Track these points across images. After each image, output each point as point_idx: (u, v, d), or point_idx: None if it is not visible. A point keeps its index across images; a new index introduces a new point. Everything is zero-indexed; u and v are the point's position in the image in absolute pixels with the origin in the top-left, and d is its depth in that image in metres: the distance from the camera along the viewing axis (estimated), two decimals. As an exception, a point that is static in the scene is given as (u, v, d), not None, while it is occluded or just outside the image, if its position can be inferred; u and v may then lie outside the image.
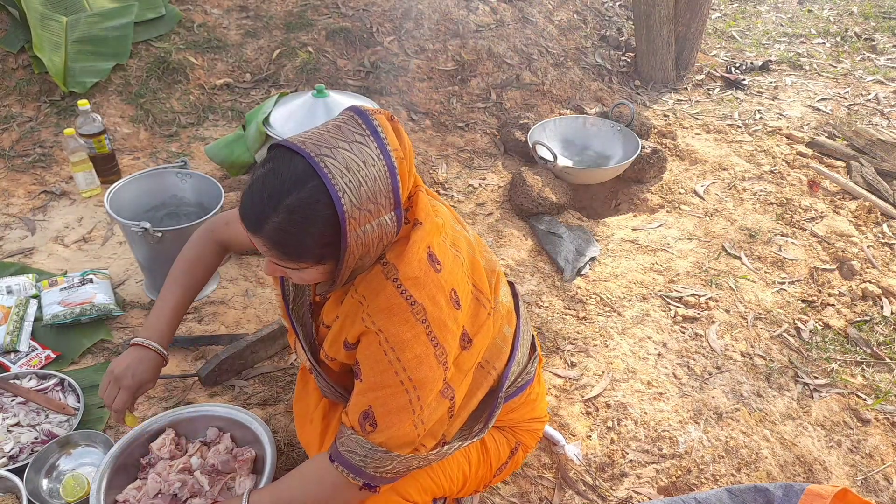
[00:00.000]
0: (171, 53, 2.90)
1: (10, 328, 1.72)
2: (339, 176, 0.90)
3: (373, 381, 1.02)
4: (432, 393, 1.03)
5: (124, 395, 1.21)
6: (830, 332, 2.05)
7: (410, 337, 0.99)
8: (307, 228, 0.91)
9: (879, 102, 3.51)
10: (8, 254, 2.07)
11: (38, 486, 1.37)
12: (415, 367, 1.00)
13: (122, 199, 1.82)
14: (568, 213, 2.50)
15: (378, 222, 0.95)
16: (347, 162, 0.92)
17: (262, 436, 1.39)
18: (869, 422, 1.77)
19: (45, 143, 2.56)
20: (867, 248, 2.39)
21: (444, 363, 1.03)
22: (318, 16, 3.24)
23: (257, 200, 0.92)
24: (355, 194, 0.91)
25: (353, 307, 1.03)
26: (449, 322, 1.03)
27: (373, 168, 0.93)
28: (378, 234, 0.96)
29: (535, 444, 1.43)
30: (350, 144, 0.93)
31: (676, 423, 1.68)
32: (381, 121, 0.97)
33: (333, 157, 0.91)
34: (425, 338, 1.00)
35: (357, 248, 0.94)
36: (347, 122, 0.97)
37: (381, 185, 0.94)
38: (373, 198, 0.93)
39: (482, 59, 3.25)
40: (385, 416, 1.02)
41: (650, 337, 1.94)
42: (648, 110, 3.34)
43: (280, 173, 0.91)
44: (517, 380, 1.28)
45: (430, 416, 1.05)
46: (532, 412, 1.35)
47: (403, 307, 0.99)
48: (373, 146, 0.94)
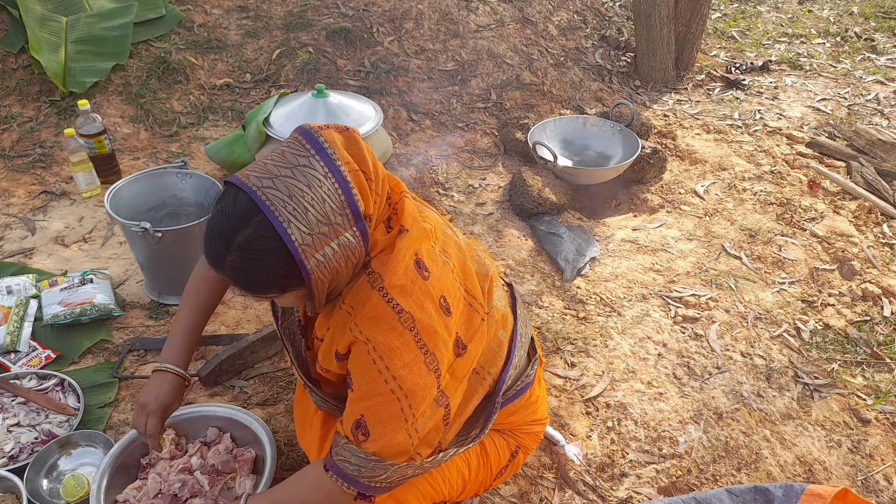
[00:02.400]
0: (171, 53, 2.90)
1: (10, 328, 1.72)
2: (281, 206, 0.89)
3: (363, 390, 1.01)
4: (425, 401, 1.02)
5: (153, 420, 1.23)
6: (830, 332, 2.05)
7: (399, 345, 0.98)
8: (260, 265, 0.91)
9: (879, 102, 3.51)
10: (8, 254, 2.07)
11: (39, 486, 1.38)
12: (405, 375, 0.99)
13: (122, 200, 1.82)
14: (568, 213, 2.50)
15: (338, 242, 0.93)
16: (290, 189, 0.90)
17: (262, 436, 1.39)
18: (869, 422, 1.77)
19: (45, 143, 2.57)
20: (867, 248, 2.39)
21: (435, 370, 1.02)
22: (319, 16, 3.24)
23: (213, 241, 0.93)
24: (303, 221, 0.90)
25: (342, 318, 1.03)
26: (439, 329, 1.01)
27: (320, 189, 0.92)
28: (342, 254, 0.94)
29: (536, 446, 1.43)
30: (293, 170, 0.92)
31: (676, 423, 1.68)
32: (329, 136, 0.96)
33: (275, 188, 0.90)
34: (414, 345, 0.99)
35: (322, 273, 0.93)
36: (292, 145, 0.96)
37: (331, 204, 0.92)
38: (324, 219, 0.91)
39: (482, 60, 3.25)
40: (377, 426, 1.01)
41: (650, 337, 1.94)
42: (648, 110, 3.34)
43: (227, 212, 0.92)
44: (515, 383, 1.27)
45: (423, 424, 1.04)
46: (532, 415, 1.34)
47: (390, 315, 0.98)
48: (318, 166, 0.93)
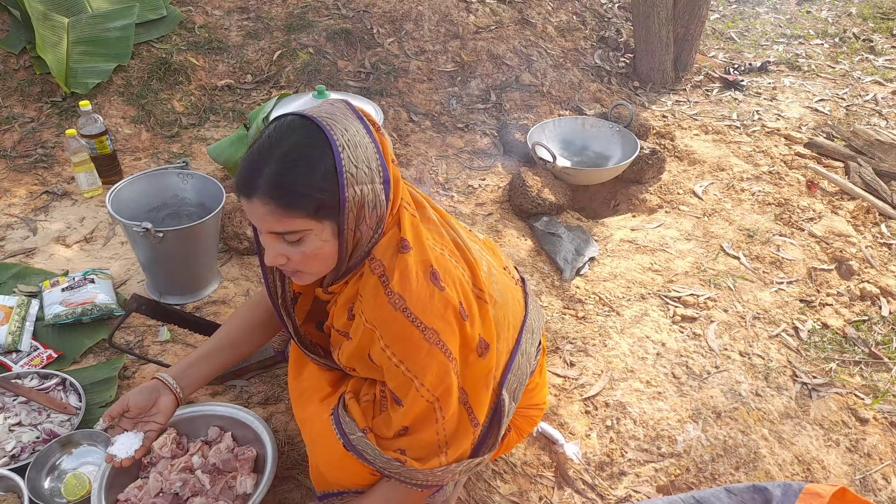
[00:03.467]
0: (172, 54, 2.91)
1: (11, 328, 1.72)
2: (339, 134, 0.95)
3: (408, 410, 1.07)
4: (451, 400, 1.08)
5: (116, 407, 1.18)
6: (829, 331, 2.06)
7: (428, 362, 1.03)
8: (300, 170, 0.93)
9: (878, 103, 3.52)
10: (10, 254, 2.08)
11: (40, 486, 1.38)
12: (437, 384, 1.05)
13: (123, 200, 1.83)
14: (567, 213, 2.51)
15: (372, 187, 0.98)
16: (346, 126, 0.97)
17: (263, 435, 1.40)
18: (867, 421, 1.78)
19: (46, 143, 2.57)
20: (865, 248, 2.40)
21: (457, 373, 1.07)
22: (319, 17, 3.25)
23: (250, 160, 0.95)
24: (352, 152, 0.96)
25: (366, 335, 1.06)
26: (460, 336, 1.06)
27: (364, 138, 0.99)
28: (372, 199, 0.99)
29: (531, 430, 1.44)
30: (346, 117, 0.99)
31: (675, 422, 1.68)
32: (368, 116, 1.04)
33: (334, 119, 0.97)
34: (443, 357, 1.03)
35: (354, 205, 0.97)
36: (336, 104, 1.03)
37: (371, 153, 0.98)
38: (367, 162, 0.97)
39: (482, 61, 3.26)
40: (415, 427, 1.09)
41: (649, 336, 1.94)
42: (647, 111, 3.35)
43: (271, 134, 0.96)
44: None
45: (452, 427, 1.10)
46: (530, 400, 1.37)
47: (417, 336, 1.02)
48: (360, 126, 1.00)
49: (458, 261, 1.11)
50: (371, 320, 1.04)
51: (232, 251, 2.13)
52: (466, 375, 1.09)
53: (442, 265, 1.06)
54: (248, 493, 1.32)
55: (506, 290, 1.22)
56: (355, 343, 1.09)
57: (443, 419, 1.07)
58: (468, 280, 1.10)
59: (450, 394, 1.06)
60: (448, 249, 1.11)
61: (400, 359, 1.03)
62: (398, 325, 1.02)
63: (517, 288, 1.30)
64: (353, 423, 1.13)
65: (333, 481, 1.20)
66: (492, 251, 1.30)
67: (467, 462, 1.14)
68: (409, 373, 1.04)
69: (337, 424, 1.14)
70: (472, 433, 1.12)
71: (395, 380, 1.07)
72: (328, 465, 1.18)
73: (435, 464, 1.10)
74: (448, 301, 1.03)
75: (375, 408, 1.17)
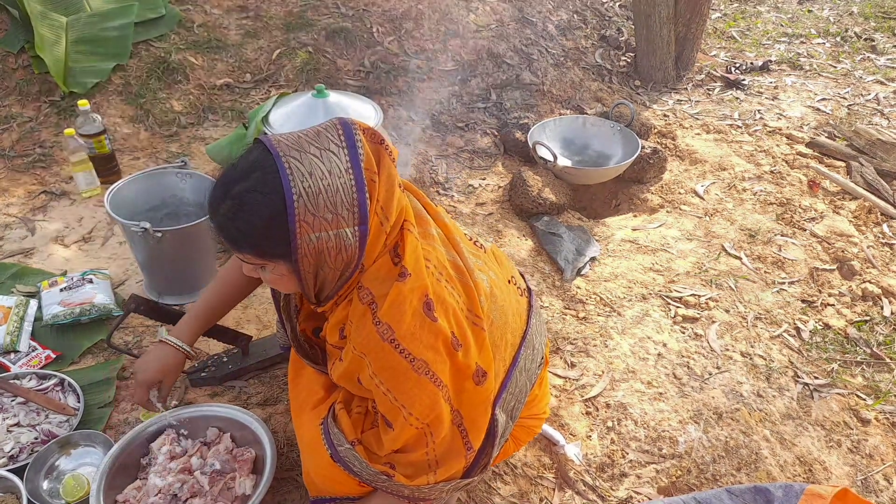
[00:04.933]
0: (171, 53, 2.90)
1: (10, 328, 1.72)
2: (298, 179, 0.92)
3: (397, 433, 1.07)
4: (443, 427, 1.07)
5: (139, 389, 1.30)
6: (830, 332, 2.05)
7: (417, 392, 1.02)
8: (247, 218, 0.94)
9: (879, 102, 3.51)
10: (8, 254, 2.07)
11: (38, 486, 1.37)
12: (426, 412, 1.04)
13: (122, 199, 1.82)
14: (568, 213, 2.50)
15: (336, 233, 0.95)
16: (312, 167, 0.93)
17: (262, 436, 1.39)
18: (869, 422, 1.77)
19: (45, 143, 2.56)
20: (867, 248, 2.39)
21: (447, 399, 1.06)
22: (318, 16, 3.24)
23: (214, 191, 0.98)
24: (312, 200, 0.92)
25: (355, 360, 1.05)
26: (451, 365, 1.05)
27: (338, 179, 0.94)
28: (336, 245, 0.96)
29: (528, 440, 1.44)
30: (321, 151, 0.95)
31: (676, 423, 1.68)
32: (363, 139, 0.99)
33: (300, 161, 0.93)
34: (432, 387, 1.03)
35: (310, 252, 0.95)
36: (329, 129, 0.99)
37: (343, 196, 0.94)
38: (332, 207, 0.94)
39: (482, 60, 3.25)
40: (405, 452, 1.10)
41: (650, 337, 1.94)
42: (648, 110, 3.34)
43: (236, 166, 0.97)
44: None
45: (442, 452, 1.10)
46: (529, 410, 1.36)
47: (404, 367, 1.01)
48: (344, 158, 0.96)
49: (455, 286, 1.08)
50: (359, 347, 1.03)
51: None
52: (463, 401, 1.08)
53: (437, 294, 1.04)
54: (247, 494, 1.32)
55: (507, 307, 1.20)
56: (345, 366, 1.08)
57: (433, 442, 1.07)
58: (463, 307, 1.08)
59: (440, 421, 1.06)
60: (446, 275, 1.08)
61: (388, 388, 1.03)
62: (386, 356, 1.00)
63: (521, 300, 1.27)
64: (342, 436, 1.12)
65: (324, 488, 1.21)
66: (498, 262, 1.27)
67: (456, 482, 1.14)
68: (397, 402, 1.03)
69: (326, 435, 1.14)
70: (464, 457, 1.11)
71: (384, 406, 1.06)
72: (318, 473, 1.19)
73: (423, 481, 1.10)
74: (439, 332, 1.01)
75: (366, 420, 1.17)
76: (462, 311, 1.07)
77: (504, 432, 1.20)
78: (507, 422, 1.22)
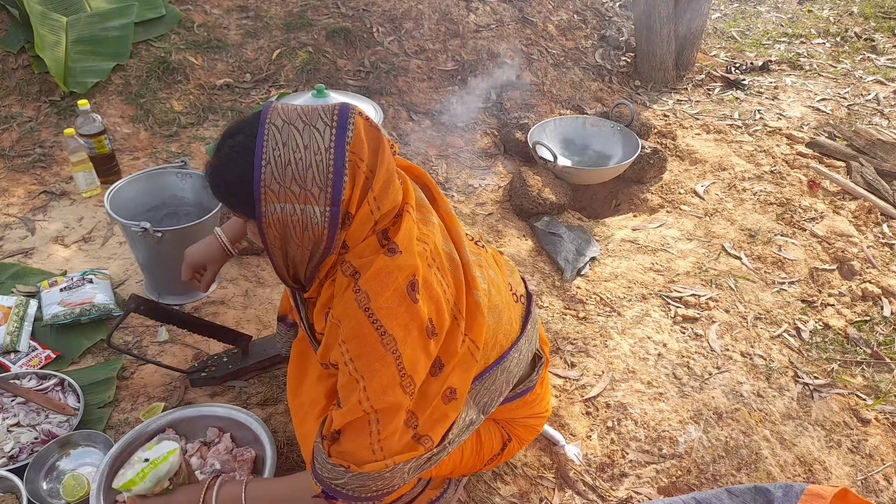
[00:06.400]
0: (171, 53, 2.90)
1: (10, 328, 1.72)
2: (271, 146, 0.95)
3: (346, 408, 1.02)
4: (394, 421, 1.03)
5: (186, 269, 1.44)
6: (830, 332, 2.05)
7: (379, 367, 1.00)
8: (220, 171, 1.01)
9: (879, 102, 3.51)
10: (8, 254, 2.07)
11: (38, 487, 1.37)
12: (379, 396, 1.00)
13: (122, 199, 1.82)
14: (568, 213, 2.50)
15: (303, 208, 0.96)
16: (288, 138, 0.95)
17: (262, 436, 1.39)
18: (869, 422, 1.77)
19: (45, 143, 2.57)
20: (867, 248, 2.39)
21: (410, 393, 1.03)
22: (318, 16, 3.24)
23: (217, 144, 1.04)
24: (279, 169, 0.94)
25: (332, 331, 1.04)
26: (420, 354, 1.02)
27: (314, 155, 0.95)
28: (301, 220, 0.96)
29: (532, 439, 1.43)
30: (306, 126, 0.96)
31: (676, 423, 1.68)
32: (361, 126, 0.98)
33: (279, 130, 0.95)
34: (395, 369, 1.00)
35: (274, 224, 0.97)
36: (326, 109, 1.00)
37: (315, 174, 0.95)
38: (300, 181, 0.95)
39: (482, 60, 3.25)
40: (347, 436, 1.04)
41: (650, 337, 1.94)
42: (648, 110, 3.34)
43: (242, 120, 1.04)
44: (515, 388, 1.28)
45: (390, 444, 1.04)
46: (530, 410, 1.35)
47: (374, 337, 0.99)
48: (327, 137, 0.96)
49: (445, 276, 1.07)
50: (336, 316, 1.02)
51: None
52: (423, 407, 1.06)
53: (425, 278, 1.02)
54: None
55: (502, 307, 1.20)
56: (325, 341, 1.07)
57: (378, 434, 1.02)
58: (450, 298, 1.06)
59: (391, 412, 1.01)
60: (438, 262, 1.07)
61: (351, 356, 1.00)
62: (358, 323, 0.99)
63: (518, 306, 1.26)
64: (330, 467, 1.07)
65: None
66: (498, 265, 1.26)
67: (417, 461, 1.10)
68: (357, 373, 1.00)
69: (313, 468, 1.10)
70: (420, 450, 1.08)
71: (343, 378, 1.03)
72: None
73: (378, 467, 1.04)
74: (415, 314, 1.00)
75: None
76: (447, 303, 1.06)
77: (473, 422, 1.19)
78: (479, 415, 1.20)
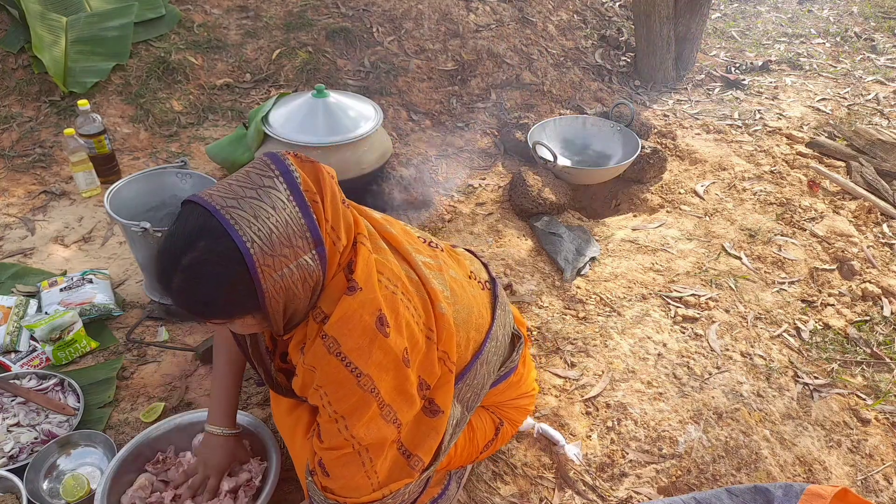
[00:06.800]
0: (171, 53, 2.90)
1: (10, 328, 1.72)
2: (246, 227, 0.89)
3: (328, 442, 1.06)
4: (383, 450, 1.06)
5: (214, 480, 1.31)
6: (830, 332, 2.05)
7: (359, 406, 1.01)
8: (203, 288, 0.92)
9: (879, 102, 3.51)
10: (8, 254, 2.07)
11: (38, 487, 1.37)
12: (363, 434, 1.03)
13: (122, 199, 1.82)
14: (568, 213, 2.50)
15: (297, 264, 0.94)
16: (255, 210, 0.91)
17: (268, 442, 1.39)
18: (869, 422, 1.77)
19: (45, 143, 2.56)
20: (867, 248, 2.39)
21: (394, 421, 1.05)
22: (318, 16, 3.24)
23: (159, 261, 0.94)
24: (266, 242, 0.90)
25: (307, 374, 1.05)
26: (400, 386, 1.04)
27: (283, 212, 0.93)
28: (299, 275, 0.94)
29: (524, 419, 1.46)
30: (258, 191, 0.93)
31: (676, 423, 1.68)
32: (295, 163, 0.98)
33: (240, 208, 0.90)
34: (375, 406, 1.02)
35: (277, 292, 0.93)
36: (257, 166, 0.97)
37: (293, 227, 0.93)
38: (286, 241, 0.92)
39: (482, 59, 3.25)
40: (336, 469, 1.07)
41: (650, 337, 1.94)
42: (648, 110, 3.34)
43: (176, 233, 0.92)
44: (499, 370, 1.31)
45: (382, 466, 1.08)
46: (517, 390, 1.38)
47: (349, 380, 1.00)
48: (282, 188, 0.94)
49: (412, 299, 1.08)
50: (309, 362, 1.02)
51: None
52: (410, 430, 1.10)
53: (391, 306, 1.03)
54: None
55: (471, 304, 1.21)
56: (300, 380, 1.07)
57: (370, 462, 1.06)
58: (420, 321, 1.07)
59: (379, 446, 1.05)
60: (402, 287, 1.07)
61: (329, 399, 1.02)
62: (331, 368, 0.99)
63: (484, 294, 1.27)
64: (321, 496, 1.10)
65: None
66: (456, 261, 1.27)
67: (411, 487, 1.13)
68: (336, 414, 1.02)
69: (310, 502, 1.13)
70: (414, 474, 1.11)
71: (323, 418, 1.05)
72: None
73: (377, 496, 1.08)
74: (388, 349, 1.00)
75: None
76: (418, 325, 1.06)
77: (460, 422, 1.21)
78: (464, 413, 1.22)
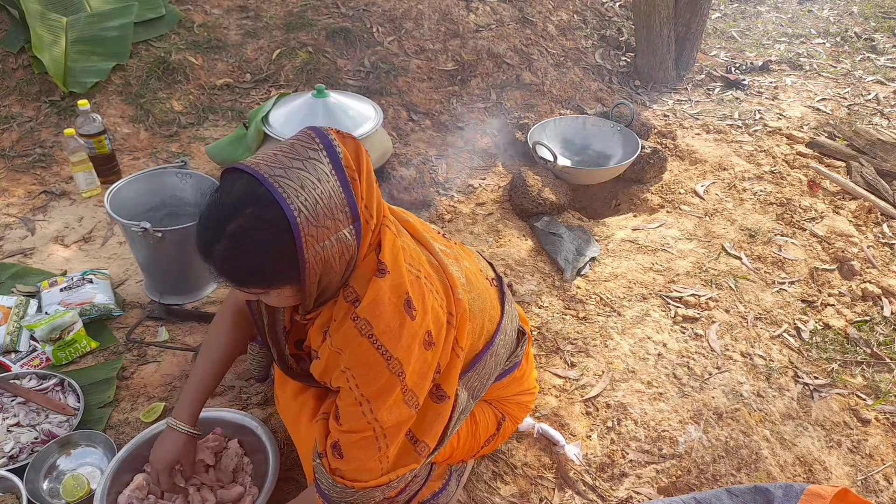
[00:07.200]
0: (171, 53, 2.90)
1: (10, 328, 1.72)
2: (294, 195, 0.91)
3: (348, 425, 1.07)
4: (400, 434, 1.08)
5: (162, 477, 1.29)
6: (830, 332, 2.05)
7: (386, 390, 1.03)
8: (250, 255, 0.92)
9: (879, 102, 3.51)
10: (8, 254, 2.07)
11: (38, 487, 1.37)
12: (386, 417, 1.04)
13: (122, 199, 1.82)
14: (568, 213, 2.50)
15: (337, 237, 0.95)
16: (302, 181, 0.92)
17: (266, 442, 1.39)
18: (869, 422, 1.77)
19: (45, 143, 2.56)
20: (867, 248, 2.39)
21: (415, 405, 1.07)
22: (318, 16, 3.24)
23: (203, 229, 0.94)
24: (311, 212, 0.91)
25: (332, 357, 1.05)
26: (425, 370, 1.06)
27: (326, 184, 0.94)
28: (338, 248, 0.96)
29: (525, 416, 1.47)
30: (304, 162, 0.94)
31: (676, 423, 1.68)
32: (337, 138, 0.99)
33: (287, 178, 0.92)
34: (399, 390, 1.04)
35: (317, 263, 0.94)
36: (302, 138, 0.98)
37: (335, 200, 0.94)
38: (329, 213, 0.93)
39: (482, 60, 3.25)
40: (352, 451, 1.07)
41: (650, 337, 1.94)
42: (648, 110, 3.34)
43: (221, 201, 0.93)
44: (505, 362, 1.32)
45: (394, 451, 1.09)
46: (520, 386, 1.39)
47: (379, 363, 1.01)
48: (325, 161, 0.95)
49: (434, 283, 1.09)
50: (336, 343, 1.03)
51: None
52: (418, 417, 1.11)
53: (417, 291, 1.04)
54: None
55: (484, 294, 1.23)
56: (323, 363, 1.08)
57: (386, 447, 1.07)
58: (443, 305, 1.09)
59: (398, 431, 1.07)
60: (424, 272, 1.09)
61: (357, 382, 1.02)
62: (362, 350, 1.01)
63: (492, 289, 1.29)
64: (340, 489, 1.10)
65: None
66: (467, 254, 1.29)
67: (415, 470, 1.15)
68: (363, 397, 1.03)
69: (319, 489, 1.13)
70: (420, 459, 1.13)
71: (346, 400, 1.06)
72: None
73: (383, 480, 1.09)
74: (414, 331, 1.02)
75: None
76: (441, 308, 1.08)
77: (465, 409, 1.22)
78: (469, 400, 1.23)
